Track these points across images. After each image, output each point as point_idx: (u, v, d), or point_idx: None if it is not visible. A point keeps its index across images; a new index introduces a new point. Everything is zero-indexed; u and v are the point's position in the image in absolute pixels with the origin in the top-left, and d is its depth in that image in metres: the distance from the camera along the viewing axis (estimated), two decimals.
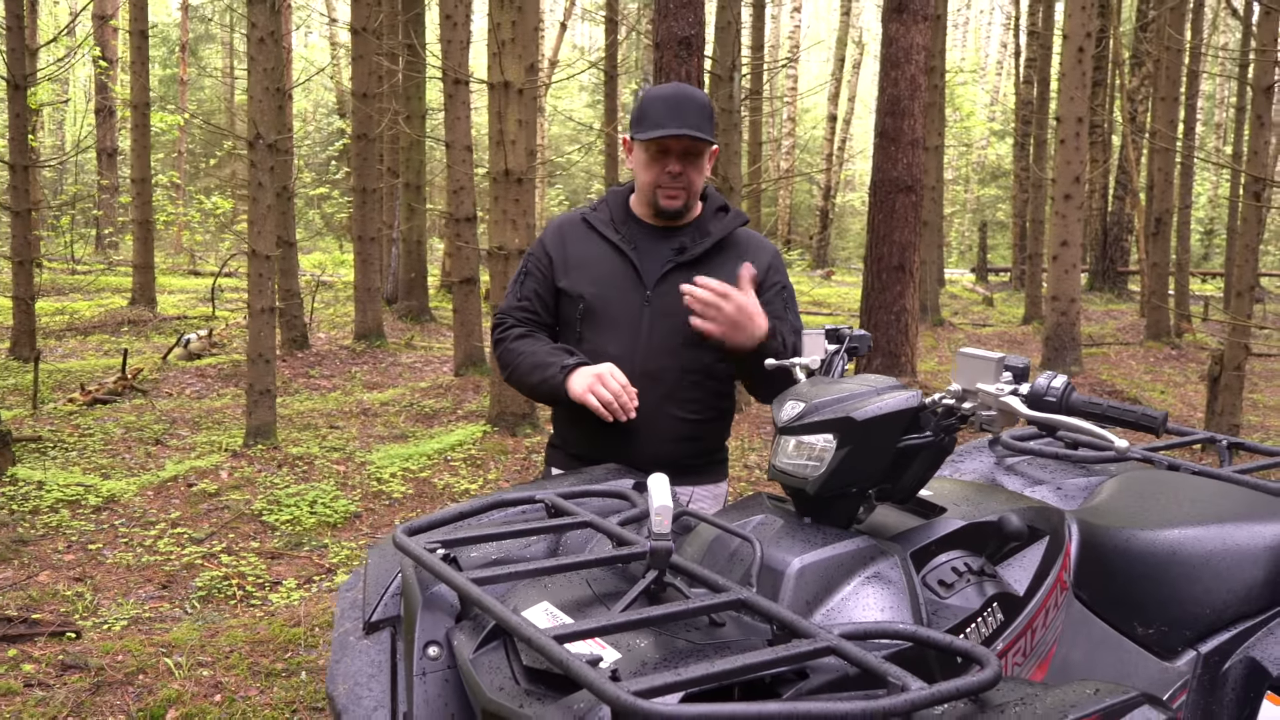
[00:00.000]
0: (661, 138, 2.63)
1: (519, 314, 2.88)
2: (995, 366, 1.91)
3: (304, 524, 6.09)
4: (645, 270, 2.77)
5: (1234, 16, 16.77)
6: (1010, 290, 25.39)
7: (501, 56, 7.30)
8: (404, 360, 12.05)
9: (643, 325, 2.75)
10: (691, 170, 2.71)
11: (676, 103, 2.66)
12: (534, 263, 2.89)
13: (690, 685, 1.48)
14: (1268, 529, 2.45)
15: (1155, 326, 15.04)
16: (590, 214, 2.89)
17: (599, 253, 2.82)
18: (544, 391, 2.74)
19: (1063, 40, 11.12)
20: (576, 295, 2.79)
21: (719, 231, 2.81)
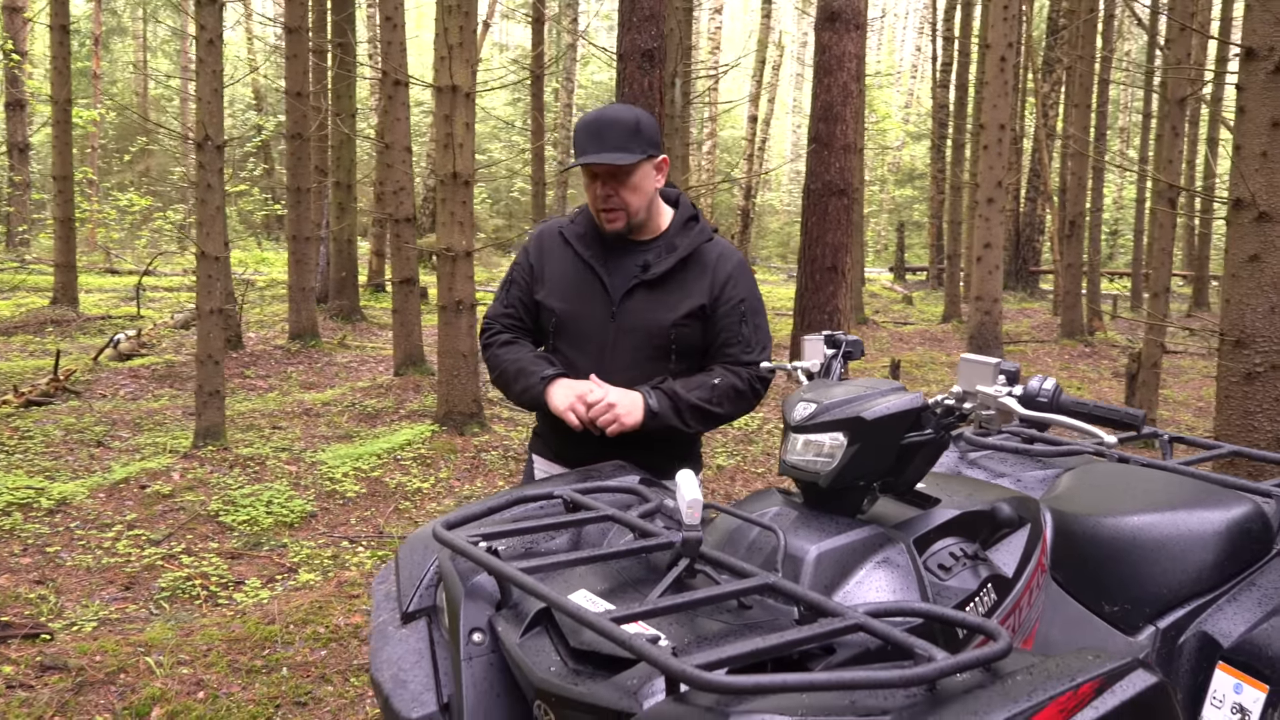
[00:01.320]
0: (581, 164, 2.72)
1: (505, 320, 2.99)
2: (993, 370, 2.10)
3: (261, 524, 6.13)
4: (612, 286, 2.84)
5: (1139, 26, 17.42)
6: (928, 289, 26.01)
7: (451, 60, 7.39)
8: (339, 360, 12.03)
9: (609, 341, 2.84)
10: (622, 190, 2.76)
11: (597, 128, 2.72)
12: (518, 272, 2.99)
13: (743, 660, 1.64)
14: (1215, 515, 2.70)
15: (1070, 325, 15.59)
16: (567, 226, 2.96)
17: (571, 267, 2.90)
18: (526, 399, 2.85)
19: (986, 49, 11.50)
20: (550, 309, 2.90)
21: (684, 248, 2.86)
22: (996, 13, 11.15)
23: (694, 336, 2.86)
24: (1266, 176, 5.08)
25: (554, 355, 2.90)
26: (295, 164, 12.20)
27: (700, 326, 2.86)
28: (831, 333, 2.71)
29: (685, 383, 2.81)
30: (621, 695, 1.74)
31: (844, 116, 10.07)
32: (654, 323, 2.82)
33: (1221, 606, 2.61)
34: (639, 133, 2.75)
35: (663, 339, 2.83)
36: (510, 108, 39.00)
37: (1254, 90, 5.13)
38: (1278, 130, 5.05)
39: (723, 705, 1.57)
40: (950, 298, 18.84)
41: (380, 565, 5.57)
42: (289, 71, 11.98)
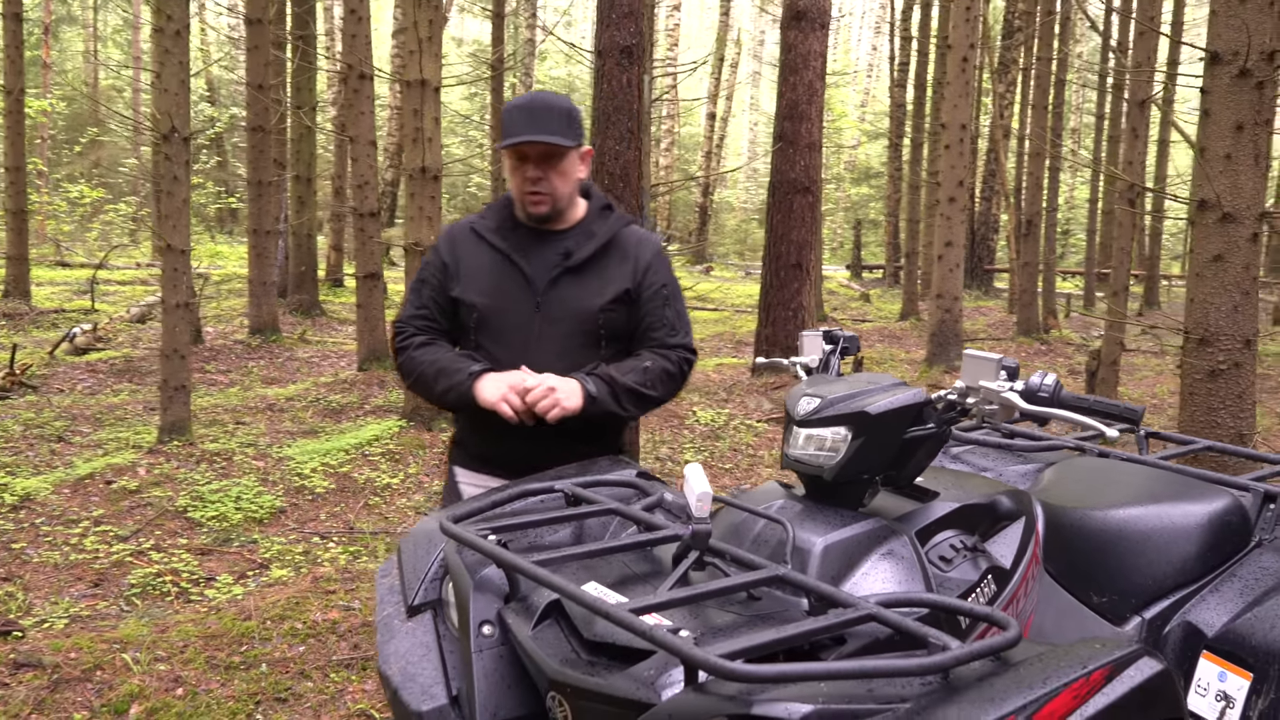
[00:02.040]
0: (515, 144, 2.70)
1: (419, 322, 2.92)
2: (996, 366, 2.15)
3: (230, 520, 6.08)
4: (534, 276, 2.82)
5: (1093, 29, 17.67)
6: (885, 287, 26.24)
7: (421, 55, 7.36)
8: (301, 355, 11.94)
9: (534, 331, 2.81)
10: (552, 174, 2.77)
11: (531, 111, 2.72)
12: (430, 271, 2.94)
13: (765, 650, 1.67)
14: (1196, 508, 2.77)
15: (1026, 323, 15.80)
16: (478, 222, 2.94)
17: (489, 261, 2.87)
18: (451, 398, 2.78)
19: (947, 50, 11.62)
20: (469, 304, 2.85)
21: (604, 233, 2.87)
22: (959, 14, 11.27)
23: (621, 321, 2.86)
24: (1230, 178, 5.19)
25: (476, 352, 2.85)
26: (256, 157, 12.08)
27: (626, 311, 2.86)
28: (829, 329, 2.75)
29: (618, 367, 2.80)
30: (639, 686, 1.76)
31: (809, 115, 10.15)
32: (582, 309, 2.81)
33: (1204, 597, 2.68)
34: (572, 120, 2.78)
35: (591, 325, 2.82)
36: (467, 103, 38.84)
37: (1219, 94, 5.24)
38: (1241, 133, 5.17)
39: (745, 694, 1.60)
40: (908, 296, 19.03)
41: (354, 561, 5.55)
42: (250, 64, 11.86)
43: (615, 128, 4.91)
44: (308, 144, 14.91)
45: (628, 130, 4.93)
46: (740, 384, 10.31)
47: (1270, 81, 5.19)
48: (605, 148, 4.93)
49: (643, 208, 4.95)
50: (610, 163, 4.92)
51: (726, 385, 10.21)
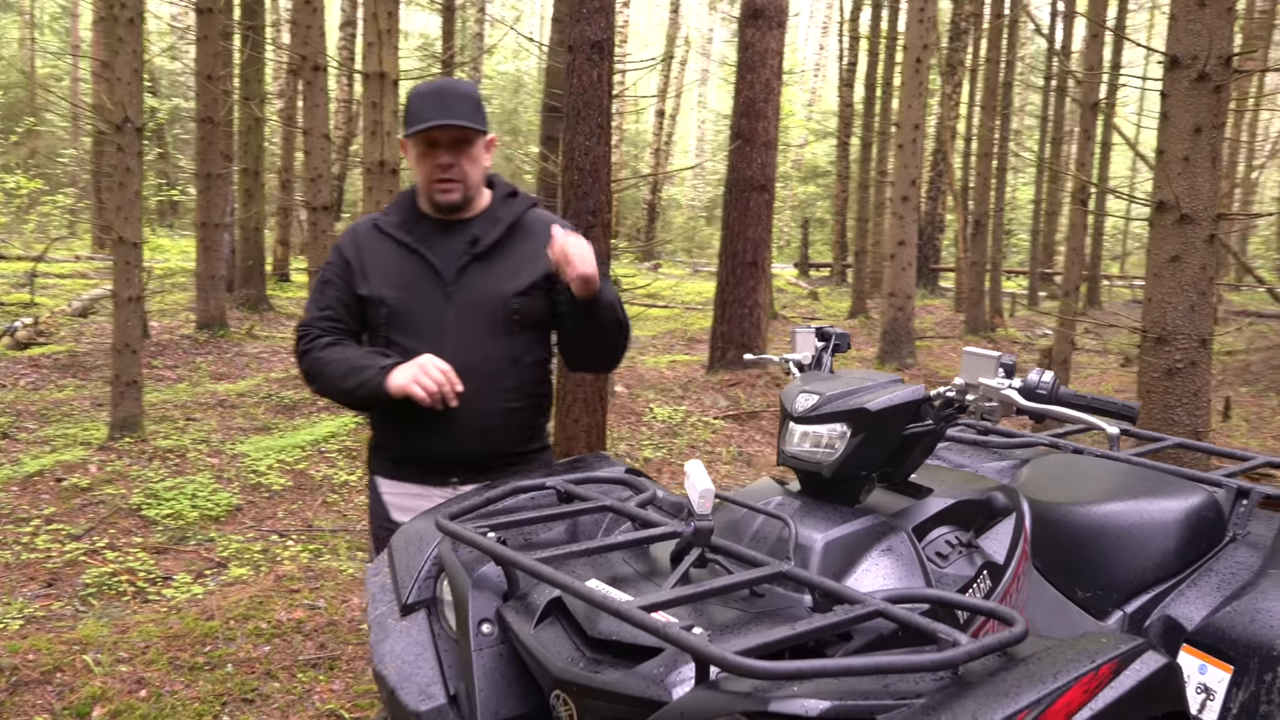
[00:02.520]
0: (426, 129, 2.65)
1: (324, 324, 2.84)
2: (994, 363, 2.16)
3: (186, 518, 5.97)
4: (442, 266, 2.77)
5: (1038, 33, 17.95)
6: (832, 285, 26.41)
7: (381, 47, 7.28)
8: (250, 350, 11.76)
9: (447, 322, 2.75)
10: (463, 160, 2.72)
11: (440, 96, 2.68)
12: (333, 271, 2.86)
13: (779, 646, 1.66)
14: (1175, 504, 2.81)
15: (974, 321, 16.00)
16: (381, 219, 2.88)
17: (394, 256, 2.81)
18: (362, 395, 2.71)
19: (902, 51, 11.72)
20: (378, 300, 2.78)
21: (509, 216, 2.83)
22: (912, 15, 11.38)
23: (538, 308, 2.81)
24: (1188, 180, 5.28)
25: (386, 348, 2.78)
26: (205, 149, 11.88)
27: (545, 297, 2.81)
28: (821, 326, 2.76)
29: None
30: (649, 684, 1.75)
31: (766, 113, 10.19)
32: (493, 296, 2.76)
33: (1183, 591, 2.72)
34: (479, 106, 2.74)
35: (504, 312, 2.77)
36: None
37: (1177, 97, 5.33)
38: (1199, 136, 5.26)
39: (761, 691, 1.59)
40: (857, 294, 19.18)
41: (316, 559, 5.47)
42: (200, 53, 11.65)
43: (585, 123, 4.89)
44: (256, 136, 14.69)
45: (597, 126, 4.90)
46: (696, 381, 10.32)
47: (1227, 86, 5.29)
48: (575, 143, 4.89)
49: (610, 203, 4.93)
50: (580, 158, 4.89)
51: (682, 382, 10.22)
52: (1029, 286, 22.64)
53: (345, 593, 4.86)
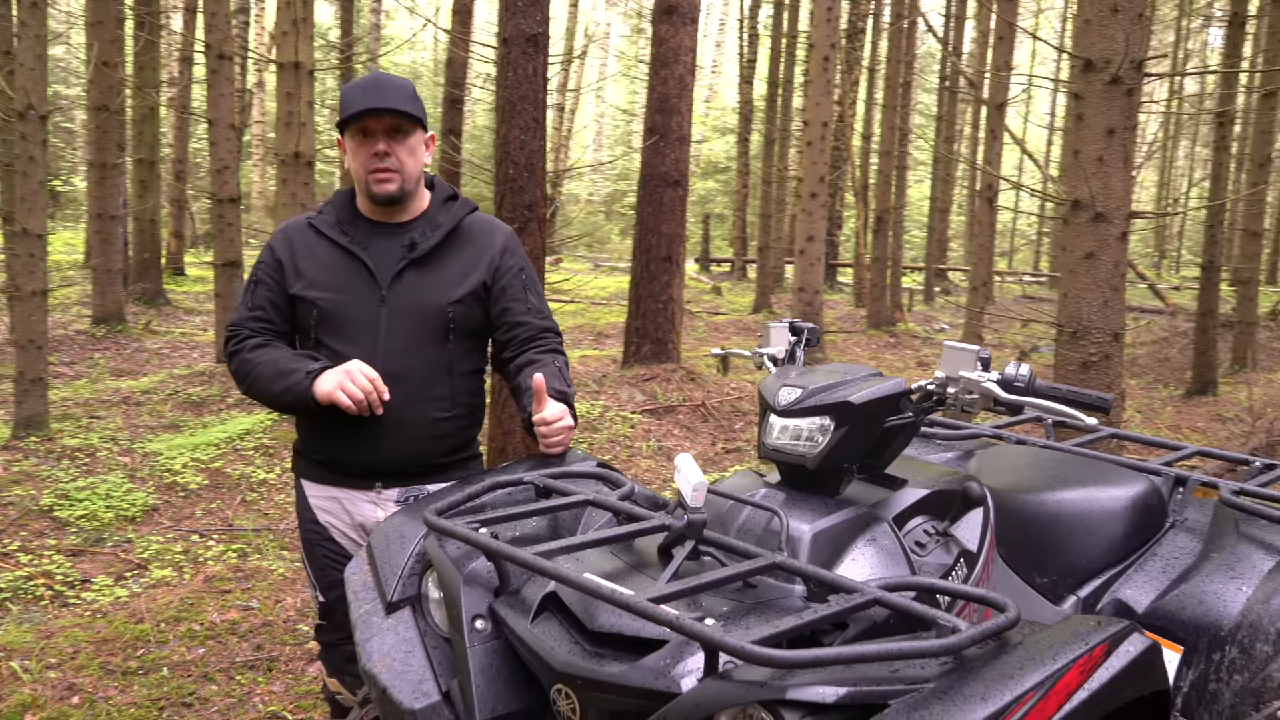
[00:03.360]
0: (361, 115, 2.60)
1: (254, 324, 2.77)
2: (974, 357, 2.22)
3: (101, 518, 5.78)
4: (379, 270, 2.71)
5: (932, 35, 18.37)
6: (734, 280, 26.65)
7: (297, 37, 7.14)
8: (150, 346, 11.43)
9: (381, 326, 2.70)
10: (400, 150, 2.66)
11: (375, 86, 2.64)
12: (264, 271, 2.79)
13: (787, 636, 1.69)
14: (1120, 492, 2.93)
15: (876, 316, 16.32)
16: (316, 218, 2.82)
17: (329, 257, 2.74)
18: (289, 400, 2.65)
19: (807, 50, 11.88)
20: (310, 301, 2.72)
21: (448, 222, 2.78)
22: (820, 14, 11.54)
23: (474, 316, 2.78)
24: (1102, 180, 5.47)
25: (317, 350, 2.72)
26: (100, 138, 11.48)
27: (481, 306, 2.79)
28: (793, 321, 2.80)
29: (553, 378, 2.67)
30: (655, 676, 1.77)
31: (679, 109, 10.24)
32: (429, 303, 2.71)
33: (1131, 576, 2.84)
34: (417, 99, 2.71)
35: (440, 319, 2.72)
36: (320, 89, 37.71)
37: (1092, 99, 5.51)
38: (1113, 137, 5.46)
39: (776, 679, 1.62)
40: (761, 289, 19.39)
41: (245, 559, 5.34)
42: (96, 40, 11.26)
43: (520, 117, 4.86)
44: (150, 126, 14.26)
45: (533, 120, 4.88)
46: (609, 376, 10.34)
47: (1138, 88, 5.50)
48: (510, 137, 4.87)
49: (549, 198, 4.92)
50: (515, 152, 4.87)
51: (596, 377, 10.22)
52: (925, 282, 23.17)
53: (278, 593, 4.76)
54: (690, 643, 1.80)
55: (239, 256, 9.93)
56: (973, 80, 19.16)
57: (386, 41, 36.98)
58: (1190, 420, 10.20)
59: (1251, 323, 13.01)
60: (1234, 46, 11.11)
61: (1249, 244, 12.67)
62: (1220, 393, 11.40)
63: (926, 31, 21.39)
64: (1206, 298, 11.44)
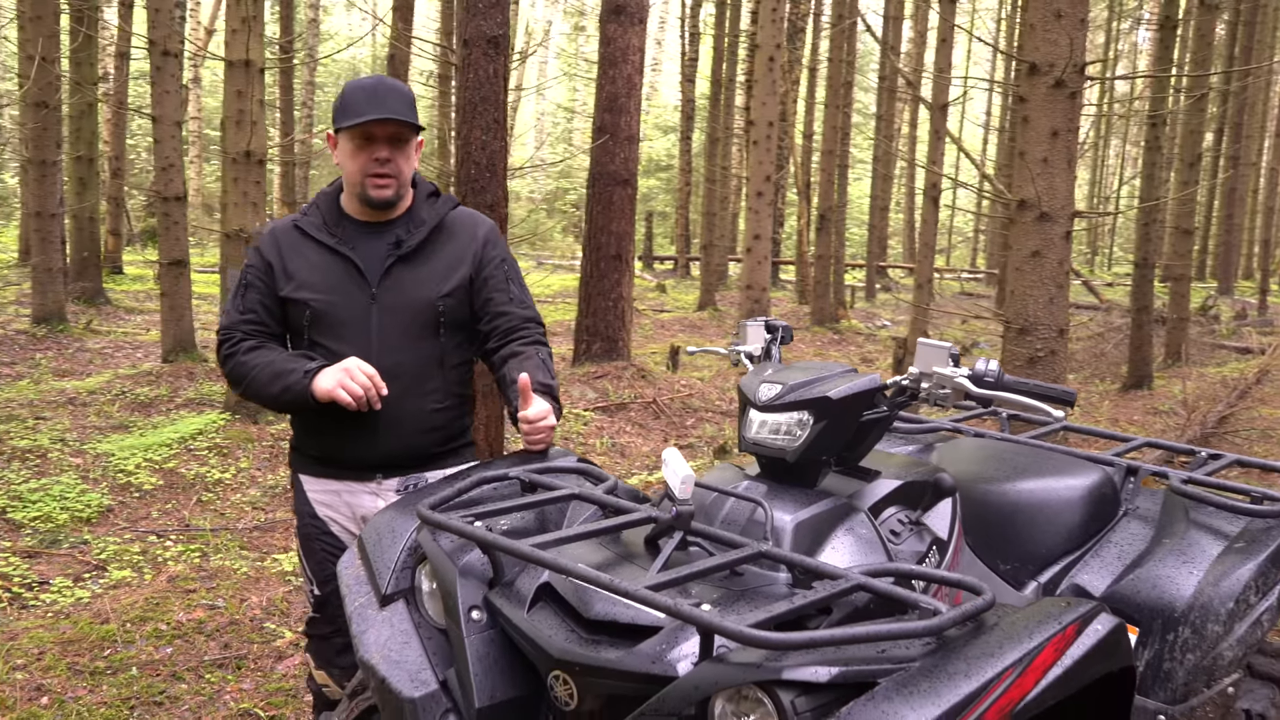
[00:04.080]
0: (366, 123, 2.65)
1: (246, 327, 2.83)
2: (946, 354, 2.33)
3: (56, 520, 5.73)
4: (367, 269, 2.78)
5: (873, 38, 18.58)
6: (677, 278, 26.78)
7: (248, 35, 7.11)
8: (92, 346, 11.27)
9: (372, 324, 2.77)
10: (399, 157, 2.74)
11: (379, 91, 2.69)
12: (254, 274, 2.85)
13: (781, 619, 1.78)
14: (1077, 482, 3.06)
15: (820, 313, 16.52)
16: (302, 220, 2.87)
17: (318, 258, 2.80)
18: (287, 399, 2.71)
19: (748, 50, 12.01)
20: (302, 303, 2.78)
21: (432, 218, 2.85)
22: (765, 14, 11.68)
23: (463, 309, 2.86)
24: (1047, 180, 5.64)
25: (312, 350, 2.79)
26: (40, 134, 11.28)
27: (467, 297, 2.86)
28: (768, 319, 2.89)
29: (537, 373, 2.72)
30: (652, 661, 1.84)
31: (628, 108, 10.32)
32: (418, 298, 2.79)
33: (1088, 562, 2.97)
34: (414, 106, 2.78)
35: (430, 314, 2.80)
36: None
37: (1036, 102, 5.68)
38: (1057, 139, 5.63)
39: (770, 661, 1.70)
40: (706, 287, 19.52)
41: (207, 559, 5.33)
42: (34, 35, 11.06)
43: (481, 118, 4.91)
44: (89, 122, 14.04)
45: (494, 120, 4.93)
46: (560, 374, 10.39)
47: (1080, 92, 5.68)
48: (472, 138, 4.91)
49: (506, 197, 4.98)
50: (477, 153, 4.91)
51: None
52: (866, 279, 23.46)
53: (242, 591, 4.77)
54: (684, 628, 1.88)
55: (185, 255, 9.84)
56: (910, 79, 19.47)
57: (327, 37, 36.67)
58: (1127, 414, 10.48)
59: (1184, 318, 13.38)
60: (1165, 50, 11.41)
61: (1180, 241, 13.04)
62: (1155, 387, 11.72)
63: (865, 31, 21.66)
64: (1141, 294, 11.75)
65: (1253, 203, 31.58)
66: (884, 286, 25.68)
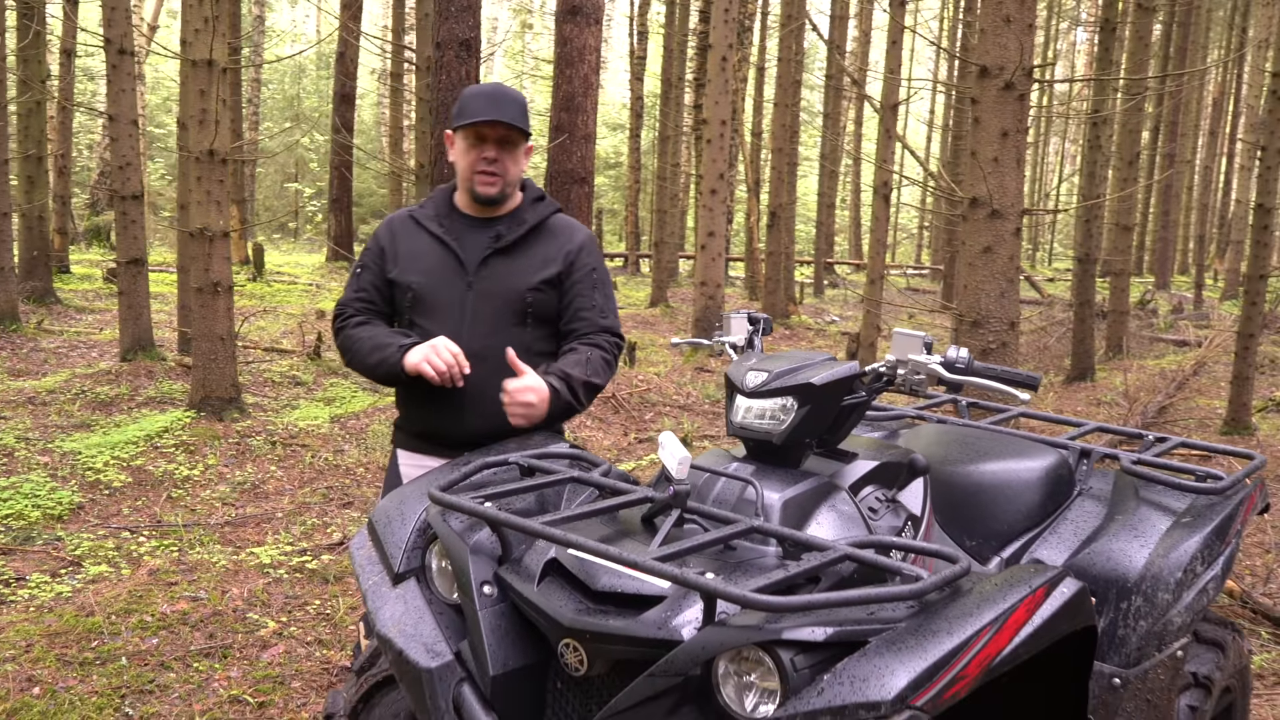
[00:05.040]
0: (477, 124, 2.90)
1: (357, 304, 3.11)
2: (920, 342, 2.51)
3: (28, 517, 5.77)
4: (467, 258, 3.02)
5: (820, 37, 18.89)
6: (628, 275, 26.94)
7: (213, 35, 7.15)
8: (46, 345, 11.20)
9: (466, 308, 3.00)
10: (506, 158, 2.97)
11: (494, 97, 2.95)
12: (369, 257, 3.13)
13: (778, 586, 1.95)
14: (1035, 464, 3.26)
15: (771, 309, 16.76)
16: (417, 211, 3.13)
17: (425, 245, 3.06)
18: (383, 371, 2.95)
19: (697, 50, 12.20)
20: (406, 285, 3.04)
21: (534, 218, 3.08)
22: (718, 15, 11.87)
23: (549, 304, 3.07)
24: (998, 179, 5.87)
25: (411, 329, 3.03)
26: None
27: (555, 294, 3.07)
28: (750, 312, 3.05)
29: (568, 364, 2.98)
30: (658, 627, 2.00)
31: (585, 107, 10.45)
32: (510, 288, 3.01)
33: (1045, 538, 3.17)
34: (526, 113, 3.01)
35: (519, 304, 3.01)
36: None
37: (988, 103, 5.91)
38: (1007, 139, 5.86)
39: (770, 623, 1.87)
40: (658, 283, 19.69)
41: (185, 553, 5.40)
42: None
43: None
44: (37, 120, 13.90)
45: None
46: None
47: (1029, 94, 5.91)
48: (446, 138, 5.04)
49: None
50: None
51: None
52: (814, 275, 23.78)
53: (223, 584, 4.86)
54: (687, 596, 2.04)
55: (143, 254, 9.83)
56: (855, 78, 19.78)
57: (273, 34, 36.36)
58: (1071, 405, 10.81)
59: (1124, 312, 13.78)
60: (1105, 51, 11.75)
61: (1120, 237, 13.43)
62: (1098, 378, 12.08)
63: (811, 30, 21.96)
64: (1083, 289, 12.10)
65: (1187, 199, 32.41)
66: (831, 282, 26.05)
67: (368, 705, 2.65)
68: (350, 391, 9.74)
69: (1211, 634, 3.17)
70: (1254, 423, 9.48)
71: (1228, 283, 29.06)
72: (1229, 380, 9.57)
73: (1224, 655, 3.15)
